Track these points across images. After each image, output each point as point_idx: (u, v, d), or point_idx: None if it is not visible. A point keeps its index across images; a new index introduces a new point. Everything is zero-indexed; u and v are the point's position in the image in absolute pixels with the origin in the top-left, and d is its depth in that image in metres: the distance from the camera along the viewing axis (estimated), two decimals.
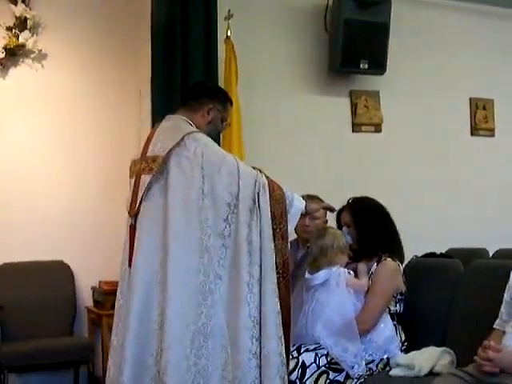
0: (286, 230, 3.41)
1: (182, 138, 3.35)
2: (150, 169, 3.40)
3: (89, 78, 5.80)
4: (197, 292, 3.25)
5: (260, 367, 3.24)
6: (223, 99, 3.73)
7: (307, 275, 3.76)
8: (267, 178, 3.45)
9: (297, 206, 3.47)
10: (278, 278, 3.33)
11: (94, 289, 5.61)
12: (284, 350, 3.29)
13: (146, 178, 3.40)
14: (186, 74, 5.05)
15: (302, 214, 3.55)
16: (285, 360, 3.29)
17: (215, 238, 3.30)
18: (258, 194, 3.35)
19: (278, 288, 3.33)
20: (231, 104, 3.84)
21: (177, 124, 3.52)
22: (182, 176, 3.32)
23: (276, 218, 3.37)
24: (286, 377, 3.30)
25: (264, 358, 3.24)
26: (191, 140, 3.36)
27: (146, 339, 3.27)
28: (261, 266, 3.31)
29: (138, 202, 3.41)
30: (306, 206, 3.53)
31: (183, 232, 3.29)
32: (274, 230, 3.36)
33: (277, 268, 3.34)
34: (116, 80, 5.85)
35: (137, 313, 3.28)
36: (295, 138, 5.83)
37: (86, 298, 5.69)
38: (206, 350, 3.23)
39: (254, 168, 3.49)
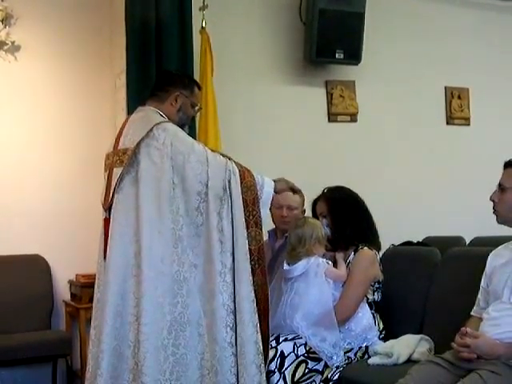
0: (259, 216, 3.44)
1: (151, 129, 3.37)
2: (121, 161, 3.42)
3: (63, 70, 5.75)
4: (172, 282, 3.27)
5: (236, 355, 3.26)
6: (189, 84, 3.73)
7: (286, 266, 3.76)
8: (238, 165, 3.48)
9: (267, 191, 3.50)
10: (253, 265, 3.37)
11: (70, 282, 5.58)
12: (260, 338, 3.31)
13: (117, 171, 3.42)
14: (161, 65, 5.02)
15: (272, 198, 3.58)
16: (261, 348, 3.31)
17: (188, 227, 3.32)
18: (229, 181, 3.39)
19: (254, 275, 3.37)
20: (199, 88, 3.84)
21: (146, 115, 3.53)
22: (153, 167, 3.35)
23: (248, 206, 3.41)
24: (263, 365, 3.32)
25: (239, 346, 3.27)
26: (160, 130, 3.38)
27: (123, 331, 3.29)
28: (233, 255, 3.34)
29: (111, 194, 3.43)
30: (274, 188, 3.56)
31: (156, 223, 3.30)
32: (247, 217, 3.39)
33: (252, 255, 3.38)
34: (90, 72, 5.80)
35: (112, 306, 3.30)
36: (271, 128, 5.83)
37: (62, 292, 5.65)
38: (183, 340, 3.26)
39: (223, 156, 3.51)
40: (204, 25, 5.34)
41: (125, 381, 3.27)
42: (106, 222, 3.46)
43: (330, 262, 3.80)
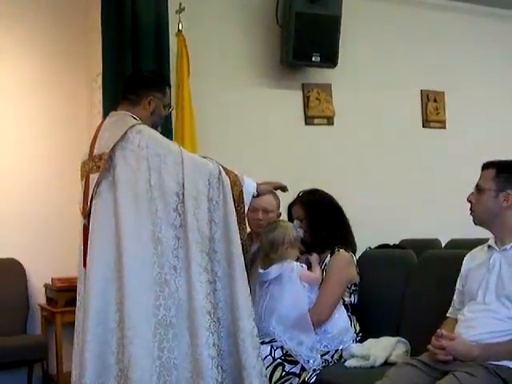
0: (243, 212, 3.46)
1: (126, 132, 3.35)
2: (97, 167, 3.39)
3: (38, 72, 5.70)
4: (154, 284, 3.25)
5: (215, 357, 3.22)
6: (161, 85, 3.70)
7: (260, 270, 3.76)
8: (219, 163, 3.48)
9: (248, 191, 3.50)
10: None
11: (46, 286, 5.54)
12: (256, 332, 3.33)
13: (94, 177, 3.39)
14: (137, 67, 5.00)
15: (253, 197, 3.59)
16: (259, 342, 3.35)
17: (167, 229, 3.30)
18: (210, 182, 3.37)
19: None
20: (169, 86, 3.84)
21: (120, 119, 3.50)
22: (129, 170, 3.32)
23: (234, 201, 3.40)
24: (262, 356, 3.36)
25: (242, 341, 3.26)
26: (135, 133, 3.36)
27: (106, 338, 3.25)
28: (216, 253, 3.34)
29: (89, 201, 3.39)
30: (256, 188, 3.57)
31: (135, 226, 3.28)
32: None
33: None
34: (67, 75, 5.77)
35: (94, 313, 3.26)
36: (248, 131, 5.82)
37: (38, 296, 5.62)
38: (167, 343, 3.24)
39: (203, 157, 3.52)
40: (180, 28, 5.33)
41: None
42: (85, 229, 3.42)
43: (305, 266, 3.80)
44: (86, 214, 3.41)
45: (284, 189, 3.85)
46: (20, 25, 5.64)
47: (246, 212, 3.51)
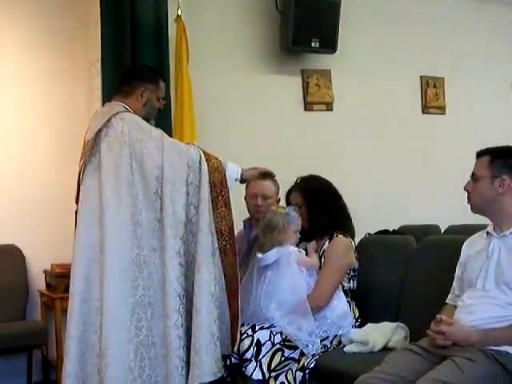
0: (228, 197, 3.51)
1: (109, 119, 3.48)
2: (84, 153, 3.55)
3: (37, 55, 5.66)
4: (132, 265, 3.38)
5: (182, 337, 3.33)
6: (153, 78, 3.78)
7: (258, 255, 3.76)
8: (201, 149, 3.56)
9: (231, 176, 3.58)
10: (224, 245, 3.48)
11: (46, 272, 5.54)
12: (215, 323, 3.37)
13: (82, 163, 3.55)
14: (135, 54, 5.00)
15: (241, 182, 3.74)
16: (217, 333, 3.37)
17: (147, 212, 3.43)
18: (189, 166, 3.45)
19: (226, 255, 3.48)
20: (163, 80, 3.90)
21: (110, 108, 3.61)
22: (112, 154, 3.44)
23: (216, 186, 3.49)
24: (216, 346, 3.37)
25: (197, 329, 3.33)
26: (118, 120, 3.48)
27: (90, 318, 3.40)
28: (193, 236, 3.43)
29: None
30: (241, 174, 3.65)
31: (115, 209, 3.40)
32: (215, 197, 3.47)
33: (222, 235, 3.48)
34: (66, 60, 5.73)
35: (80, 293, 3.42)
36: (247, 117, 5.82)
37: (38, 282, 5.61)
38: (145, 321, 3.37)
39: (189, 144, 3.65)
40: (179, 13, 5.32)
41: (93, 365, 3.37)
42: (76, 215, 3.57)
43: (303, 251, 3.81)
44: (77, 200, 3.57)
45: (270, 174, 3.97)
46: (18, 8, 5.60)
47: (230, 196, 3.55)
